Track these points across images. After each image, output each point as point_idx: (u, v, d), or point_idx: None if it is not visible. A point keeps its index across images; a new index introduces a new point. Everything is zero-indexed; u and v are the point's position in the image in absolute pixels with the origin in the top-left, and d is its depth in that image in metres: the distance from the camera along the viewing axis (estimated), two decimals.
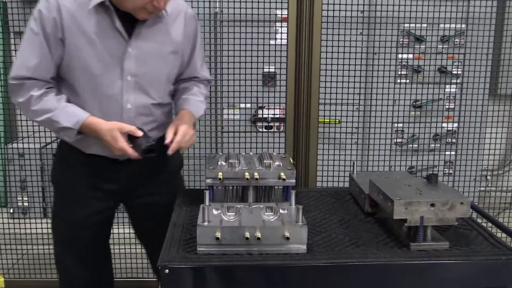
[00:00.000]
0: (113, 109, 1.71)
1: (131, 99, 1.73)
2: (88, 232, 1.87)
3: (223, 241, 1.45)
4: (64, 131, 1.68)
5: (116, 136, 1.66)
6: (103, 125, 1.67)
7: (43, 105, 1.66)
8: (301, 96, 2.44)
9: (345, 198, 1.98)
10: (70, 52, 1.65)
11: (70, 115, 1.67)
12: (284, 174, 1.71)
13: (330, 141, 2.61)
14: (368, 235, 1.62)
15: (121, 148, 1.66)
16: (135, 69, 1.70)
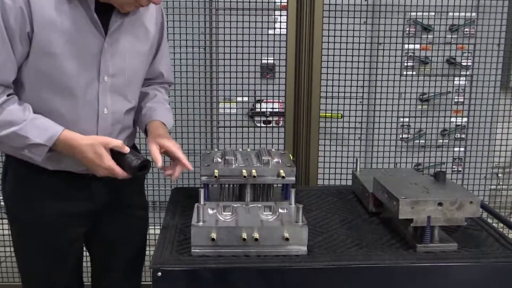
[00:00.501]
0: (87, 116, 1.55)
1: (108, 103, 1.58)
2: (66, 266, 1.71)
3: (219, 242, 1.45)
4: (32, 148, 1.48)
5: (101, 152, 1.49)
6: (83, 140, 1.50)
7: (6, 117, 1.45)
8: (302, 89, 2.44)
9: (347, 197, 1.98)
10: (40, 49, 1.46)
11: (42, 129, 1.47)
12: (283, 171, 1.72)
13: (332, 137, 2.61)
14: (372, 236, 1.63)
15: (108, 167, 1.49)
16: (113, 68, 1.56)
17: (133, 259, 1.84)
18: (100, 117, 1.57)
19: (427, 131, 2.71)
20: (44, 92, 1.50)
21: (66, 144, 1.49)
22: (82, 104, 1.54)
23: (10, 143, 1.48)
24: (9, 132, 1.45)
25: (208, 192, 1.77)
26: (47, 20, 1.44)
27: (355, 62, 2.47)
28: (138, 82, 1.69)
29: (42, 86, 1.50)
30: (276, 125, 2.72)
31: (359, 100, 2.61)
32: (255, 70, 2.52)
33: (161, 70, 1.81)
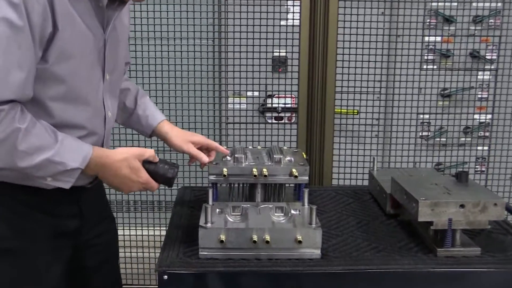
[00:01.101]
0: (98, 124, 1.47)
1: (109, 104, 1.51)
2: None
3: (228, 244, 1.46)
4: (63, 176, 1.34)
5: (137, 166, 1.43)
6: (115, 155, 1.42)
7: (34, 141, 1.28)
8: (315, 84, 2.44)
9: (364, 198, 1.98)
10: (62, 52, 1.31)
11: (75, 151, 1.35)
12: (296, 170, 1.72)
13: (348, 134, 2.61)
14: (390, 239, 1.62)
15: (146, 181, 1.44)
16: (112, 64, 1.49)
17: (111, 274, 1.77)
18: (106, 123, 1.50)
19: (448, 129, 2.70)
20: (54, 102, 1.35)
21: (99, 163, 1.39)
22: (94, 111, 1.45)
23: (37, 173, 1.32)
24: (40, 160, 1.30)
25: (216, 192, 1.77)
26: (69, 14, 1.31)
27: (372, 55, 2.46)
28: (122, 74, 1.66)
29: (53, 96, 1.35)
30: (289, 122, 2.72)
31: (376, 96, 2.61)
32: (266, 63, 2.52)
33: (128, 59, 1.77)
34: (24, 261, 1.43)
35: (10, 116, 1.25)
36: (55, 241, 1.48)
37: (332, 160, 2.50)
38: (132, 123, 1.77)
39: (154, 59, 2.50)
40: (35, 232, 1.44)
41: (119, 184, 1.45)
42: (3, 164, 1.29)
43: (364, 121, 2.56)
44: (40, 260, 1.45)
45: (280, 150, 1.84)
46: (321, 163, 2.48)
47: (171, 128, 1.74)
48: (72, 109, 1.39)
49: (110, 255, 1.73)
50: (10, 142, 1.26)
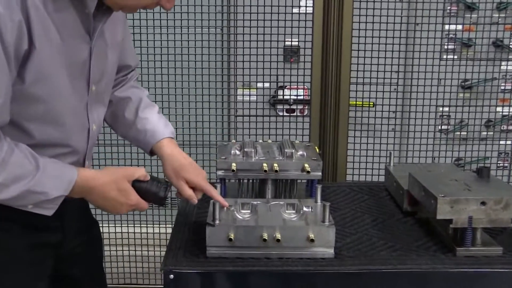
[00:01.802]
0: (79, 140, 1.43)
1: (94, 117, 1.46)
2: None
3: (236, 242, 1.46)
4: (45, 203, 1.31)
5: (126, 188, 1.40)
6: (103, 176, 1.38)
7: (12, 171, 1.24)
8: (329, 74, 2.43)
9: (380, 195, 1.98)
10: (39, 71, 1.25)
11: (57, 177, 1.31)
12: (308, 165, 1.72)
13: (363, 128, 2.60)
14: (407, 238, 1.62)
15: (136, 203, 1.42)
16: (98, 73, 1.42)
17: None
18: (90, 137, 1.46)
19: (469, 122, 2.68)
20: (33, 123, 1.31)
21: (85, 187, 1.36)
22: (75, 127, 1.40)
23: (17, 203, 1.29)
24: (21, 191, 1.26)
25: (225, 188, 1.78)
26: (47, 29, 1.24)
27: (389, 45, 2.45)
28: (113, 81, 1.59)
29: (31, 117, 1.30)
30: (301, 114, 2.71)
31: (393, 87, 2.60)
32: (278, 53, 2.52)
33: (128, 62, 1.68)
34: (5, 277, 1.41)
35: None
36: (36, 254, 1.45)
37: (346, 155, 2.50)
38: (130, 138, 1.68)
39: (159, 48, 2.51)
40: (15, 246, 1.41)
41: (106, 206, 1.42)
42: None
43: (380, 113, 2.55)
44: (22, 274, 1.43)
45: (292, 144, 1.84)
46: (335, 158, 2.48)
47: (170, 152, 1.59)
48: (53, 128, 1.35)
49: (94, 261, 1.70)
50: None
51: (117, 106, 1.66)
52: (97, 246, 1.72)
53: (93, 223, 1.70)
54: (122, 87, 1.68)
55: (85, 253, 1.61)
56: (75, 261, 1.59)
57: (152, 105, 1.69)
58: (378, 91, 2.52)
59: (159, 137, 1.62)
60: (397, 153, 2.65)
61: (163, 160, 1.60)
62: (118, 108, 1.66)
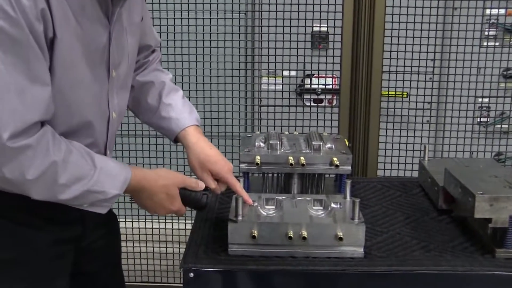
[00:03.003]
0: (100, 131, 1.45)
1: (115, 104, 1.47)
2: None
3: (260, 240, 1.47)
4: (104, 201, 1.37)
5: (174, 194, 1.47)
6: (157, 180, 1.45)
7: (73, 172, 1.29)
8: (360, 62, 2.42)
9: (413, 191, 1.97)
10: (64, 60, 1.28)
11: (114, 176, 1.37)
12: (337, 159, 1.72)
13: (396, 119, 2.59)
14: (442, 238, 1.62)
15: (178, 209, 1.49)
16: (118, 57, 1.44)
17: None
18: (110, 124, 1.48)
19: (510, 114, 2.65)
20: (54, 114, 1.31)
21: (137, 187, 1.43)
22: (95, 116, 1.42)
23: (75, 202, 1.34)
24: (81, 192, 1.31)
25: (248, 182, 1.78)
26: (66, 17, 1.26)
27: (425, 31, 2.43)
28: (134, 64, 1.60)
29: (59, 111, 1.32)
30: (329, 105, 2.71)
31: (429, 76, 2.58)
32: (305, 39, 2.52)
33: (148, 42, 1.70)
34: (26, 272, 1.43)
35: (41, 149, 1.24)
36: (57, 249, 1.48)
37: (377, 148, 2.49)
38: (153, 125, 1.70)
39: (180, 34, 2.52)
40: (37, 240, 1.44)
41: (148, 206, 1.48)
42: (43, 197, 1.30)
43: (414, 104, 2.53)
44: (43, 270, 1.46)
45: (320, 136, 1.84)
46: (366, 151, 2.47)
47: (195, 141, 1.62)
48: (74, 117, 1.37)
49: (112, 258, 1.73)
50: (47, 177, 1.27)
51: (139, 91, 1.68)
52: (116, 241, 1.75)
53: (112, 217, 1.73)
54: (144, 71, 1.70)
55: (103, 248, 1.64)
56: (94, 256, 1.62)
57: (176, 89, 1.70)
58: (412, 80, 2.50)
59: (183, 125, 1.64)
60: (432, 147, 2.63)
61: (187, 150, 1.63)
62: (140, 94, 1.68)
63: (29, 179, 1.24)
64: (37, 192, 1.28)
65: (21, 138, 1.21)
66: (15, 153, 1.21)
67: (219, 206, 1.82)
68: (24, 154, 1.22)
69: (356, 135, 2.46)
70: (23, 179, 1.24)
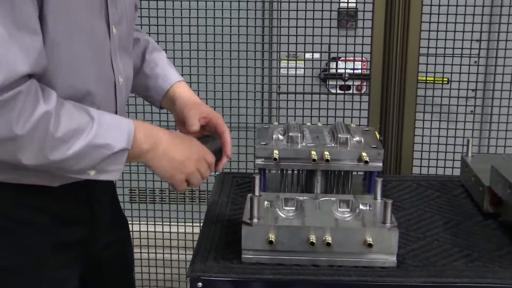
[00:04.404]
0: (106, 96, 1.45)
1: (120, 67, 1.49)
2: None
3: (278, 246, 1.47)
4: (108, 163, 1.34)
5: (196, 142, 1.52)
6: (167, 131, 1.46)
7: (68, 124, 1.28)
8: (393, 43, 2.41)
9: (454, 192, 1.97)
10: (55, 3, 1.27)
11: (116, 127, 1.35)
12: (366, 154, 1.71)
13: (435, 109, 2.58)
14: (488, 245, 1.61)
15: (204, 155, 1.51)
16: (117, 11, 1.45)
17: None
18: (117, 91, 1.48)
19: None
20: (53, 73, 1.33)
21: (149, 137, 1.40)
22: (99, 78, 1.42)
23: (77, 165, 1.32)
24: (82, 146, 1.29)
25: (265, 180, 1.78)
26: None
27: (470, 7, 2.42)
28: (134, 25, 1.62)
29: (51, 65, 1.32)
30: (358, 92, 2.70)
31: (474, 60, 2.56)
32: (330, 17, 2.51)
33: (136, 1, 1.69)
34: (25, 281, 1.43)
35: (31, 97, 1.23)
36: (63, 255, 1.48)
37: (413, 142, 2.48)
38: (137, 87, 1.70)
39: (188, 10, 2.52)
40: (38, 243, 1.43)
41: (172, 164, 1.44)
42: (36, 161, 1.27)
43: (456, 92, 2.52)
44: (47, 280, 1.46)
45: (347, 128, 1.83)
46: (399, 145, 2.47)
47: (187, 94, 1.67)
48: (75, 77, 1.36)
49: (123, 269, 1.74)
50: (40, 131, 1.24)
51: None
52: (128, 250, 1.76)
53: (124, 221, 1.74)
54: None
55: (114, 257, 1.65)
56: (103, 267, 1.63)
57: (158, 49, 1.75)
58: (454, 64, 2.49)
59: (172, 81, 1.67)
60: (477, 141, 2.62)
61: (176, 101, 1.66)
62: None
63: (19, 135, 1.21)
64: (29, 152, 1.25)
65: (9, 90, 1.19)
66: (2, 106, 1.19)
67: (231, 207, 1.82)
68: (11, 106, 1.20)
69: (388, 126, 2.46)
70: (13, 135, 1.21)
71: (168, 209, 2.84)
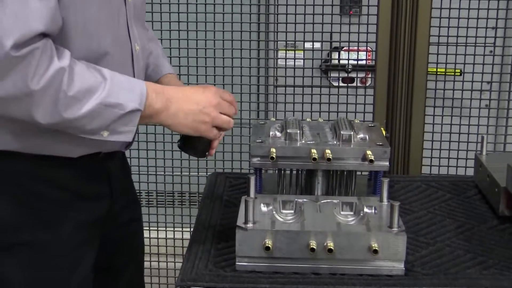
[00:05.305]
0: (124, 62, 1.55)
1: (135, 34, 1.60)
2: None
3: (276, 252, 1.47)
4: (120, 124, 1.43)
5: (219, 93, 1.58)
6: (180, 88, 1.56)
7: (82, 83, 1.37)
8: (401, 32, 2.41)
9: (467, 193, 1.97)
10: None
11: (128, 88, 1.44)
12: (371, 152, 1.71)
13: (446, 103, 2.58)
14: (504, 252, 1.62)
15: (232, 100, 1.61)
16: None
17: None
18: (134, 59, 1.58)
19: None
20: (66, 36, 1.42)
21: (158, 97, 1.48)
22: (116, 45, 1.52)
23: (90, 125, 1.40)
24: (94, 105, 1.38)
25: (261, 181, 1.78)
26: None
27: None
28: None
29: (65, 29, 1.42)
30: (362, 85, 2.70)
31: (489, 49, 2.57)
32: (332, 2, 2.51)
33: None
34: (46, 257, 1.52)
35: (47, 54, 1.32)
36: (82, 232, 1.57)
37: (422, 139, 2.48)
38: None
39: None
40: (60, 219, 1.53)
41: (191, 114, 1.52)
42: (50, 119, 1.36)
43: (469, 84, 2.53)
44: (65, 258, 1.55)
45: (350, 124, 1.83)
46: (407, 143, 2.47)
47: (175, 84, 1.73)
48: (91, 42, 1.46)
49: (135, 252, 1.84)
50: (54, 87, 1.33)
51: None
52: (139, 233, 1.85)
53: (138, 204, 1.85)
54: None
55: (128, 239, 1.76)
56: (118, 248, 1.74)
57: (156, 40, 1.84)
58: (468, 54, 2.49)
59: (163, 72, 1.76)
60: (492, 137, 2.62)
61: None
62: None
63: (34, 90, 1.30)
64: (44, 109, 1.34)
65: (25, 47, 1.29)
66: (18, 62, 1.29)
67: (224, 210, 1.82)
68: (27, 62, 1.29)
69: (395, 122, 2.46)
70: (28, 91, 1.30)
71: (155, 213, 2.84)
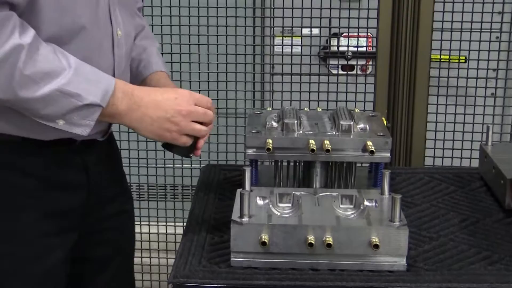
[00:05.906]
0: (102, 45, 1.54)
1: (119, 20, 1.59)
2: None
3: (272, 247, 1.47)
4: (82, 115, 1.42)
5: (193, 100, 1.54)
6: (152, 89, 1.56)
7: (41, 65, 1.37)
8: (403, 17, 2.41)
9: (472, 185, 1.97)
10: None
11: (92, 82, 1.43)
12: (372, 143, 1.72)
13: (450, 92, 2.58)
14: (510, 246, 1.62)
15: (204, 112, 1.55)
16: None
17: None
18: (115, 44, 1.57)
19: None
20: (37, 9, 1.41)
21: (124, 98, 1.47)
22: (93, 23, 1.50)
23: (45, 110, 1.40)
24: (50, 90, 1.37)
25: (256, 173, 1.79)
26: None
27: None
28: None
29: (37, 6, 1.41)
30: (362, 73, 2.71)
31: (495, 35, 2.57)
32: None
33: None
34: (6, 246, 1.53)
35: (8, 27, 1.32)
36: (50, 222, 1.55)
37: (425, 130, 2.49)
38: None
39: None
40: (20, 207, 1.52)
41: (159, 119, 1.50)
42: (2, 94, 1.36)
43: (475, 72, 2.53)
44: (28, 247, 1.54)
45: (350, 113, 1.83)
46: (410, 133, 2.47)
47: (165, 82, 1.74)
48: (64, 18, 1.45)
49: (123, 245, 1.81)
50: (10, 63, 1.33)
51: None
52: (128, 226, 1.84)
53: (128, 196, 1.84)
54: None
55: (113, 232, 1.74)
56: (100, 240, 1.72)
57: (152, 39, 1.85)
58: (473, 40, 2.49)
59: (154, 69, 1.75)
60: (498, 127, 2.63)
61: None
62: None
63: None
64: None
65: None
66: None
67: (218, 203, 1.82)
68: None
69: (397, 112, 2.46)
70: None
71: (146, 207, 2.84)
